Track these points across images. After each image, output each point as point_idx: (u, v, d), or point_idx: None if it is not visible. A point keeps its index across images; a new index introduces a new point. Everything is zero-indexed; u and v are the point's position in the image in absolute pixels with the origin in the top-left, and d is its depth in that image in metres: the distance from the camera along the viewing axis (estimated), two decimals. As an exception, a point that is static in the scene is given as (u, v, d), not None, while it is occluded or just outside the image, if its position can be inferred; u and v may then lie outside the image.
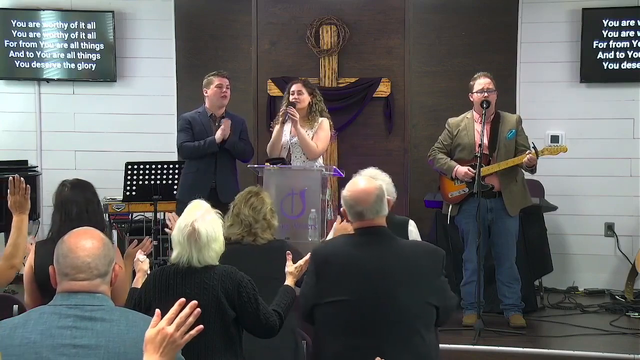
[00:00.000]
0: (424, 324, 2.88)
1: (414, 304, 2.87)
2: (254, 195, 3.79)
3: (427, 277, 2.92)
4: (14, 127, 7.01)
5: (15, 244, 3.22)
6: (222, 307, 2.93)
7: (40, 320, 2.13)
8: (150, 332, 1.98)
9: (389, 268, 2.90)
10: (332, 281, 2.94)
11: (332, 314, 2.92)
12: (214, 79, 5.54)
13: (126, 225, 6.34)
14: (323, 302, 2.93)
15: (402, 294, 2.86)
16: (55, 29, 6.90)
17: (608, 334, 5.06)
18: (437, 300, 2.92)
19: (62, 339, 2.10)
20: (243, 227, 3.69)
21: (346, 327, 2.88)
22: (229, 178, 5.51)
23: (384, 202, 3.04)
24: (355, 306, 2.87)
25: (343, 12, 6.02)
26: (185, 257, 2.99)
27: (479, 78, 5.20)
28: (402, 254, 2.96)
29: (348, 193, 3.05)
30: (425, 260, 2.96)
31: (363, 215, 3.00)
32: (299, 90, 5.33)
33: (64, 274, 2.20)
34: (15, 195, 3.24)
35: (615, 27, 6.36)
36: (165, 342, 1.96)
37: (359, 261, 2.93)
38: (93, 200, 3.67)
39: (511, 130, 5.15)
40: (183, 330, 1.99)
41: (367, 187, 3.03)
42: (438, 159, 5.26)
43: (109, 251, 2.27)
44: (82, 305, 2.15)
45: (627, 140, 6.39)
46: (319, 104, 5.38)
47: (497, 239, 5.17)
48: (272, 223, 3.77)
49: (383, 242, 2.99)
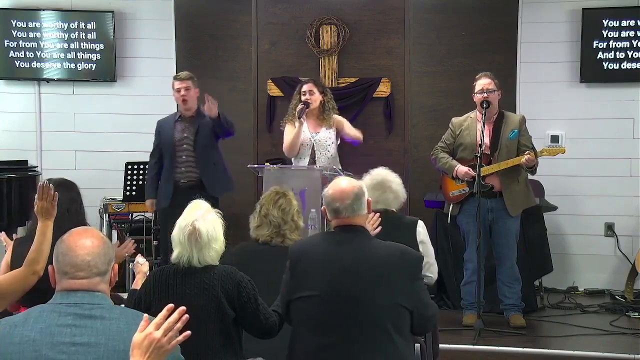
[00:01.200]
0: (393, 325, 2.84)
1: (383, 304, 2.84)
2: (282, 196, 3.79)
3: (398, 278, 2.89)
4: (14, 127, 7.01)
5: (39, 249, 3.19)
6: (221, 307, 2.93)
7: (40, 319, 2.13)
8: (137, 337, 1.97)
9: (360, 266, 2.89)
10: (303, 276, 2.94)
11: (302, 310, 2.92)
12: (174, 82, 5.51)
13: (126, 225, 6.34)
14: (294, 297, 2.94)
15: (370, 293, 2.84)
16: (55, 29, 6.90)
17: (608, 334, 5.06)
18: (409, 303, 2.87)
19: (61, 337, 2.10)
20: (272, 229, 3.69)
21: (316, 324, 2.87)
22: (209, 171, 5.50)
23: (362, 201, 3.03)
24: (324, 302, 2.86)
25: (343, 12, 6.02)
26: (185, 257, 2.99)
27: (479, 79, 5.20)
28: (374, 254, 2.94)
29: (329, 191, 3.06)
30: (398, 262, 2.93)
31: (339, 212, 3.00)
32: (310, 90, 5.40)
33: (63, 272, 2.20)
34: (42, 200, 3.24)
35: (615, 27, 6.36)
36: (152, 347, 1.95)
37: (330, 257, 2.93)
38: (76, 200, 3.68)
39: (513, 131, 5.15)
40: (170, 336, 1.97)
41: (346, 186, 3.04)
42: (440, 157, 5.26)
43: (109, 250, 2.27)
44: (81, 303, 2.15)
45: (627, 140, 6.39)
46: (330, 102, 5.48)
47: (498, 239, 5.17)
48: (299, 224, 3.78)
49: (357, 240, 2.98)
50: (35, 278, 3.19)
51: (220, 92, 6.78)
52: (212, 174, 5.41)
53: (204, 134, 5.42)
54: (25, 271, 3.19)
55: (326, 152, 5.40)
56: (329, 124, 5.42)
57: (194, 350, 2.87)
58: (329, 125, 5.42)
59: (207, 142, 5.43)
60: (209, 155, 5.44)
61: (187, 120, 5.45)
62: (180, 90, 5.39)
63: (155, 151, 5.60)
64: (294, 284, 2.97)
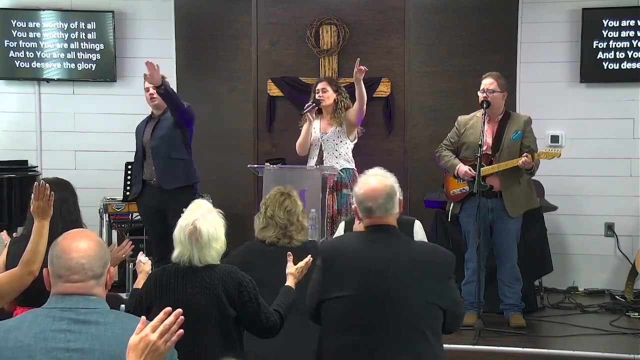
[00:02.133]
0: (428, 325, 2.86)
1: (418, 304, 2.85)
2: (287, 198, 3.79)
3: (433, 277, 2.91)
4: (14, 127, 7.01)
5: (35, 250, 3.19)
6: (222, 307, 2.93)
7: (34, 323, 2.11)
8: (133, 339, 1.97)
9: (395, 266, 2.89)
10: (338, 277, 2.93)
11: (336, 310, 2.91)
12: (144, 81, 5.31)
13: (126, 225, 6.34)
14: (328, 297, 2.92)
15: (405, 293, 2.85)
16: (55, 29, 6.89)
17: (608, 334, 5.06)
18: (443, 303, 2.89)
19: (55, 343, 2.08)
20: (278, 230, 3.70)
21: (349, 323, 2.87)
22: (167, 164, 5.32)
23: (394, 200, 3.03)
24: (359, 302, 2.86)
25: (343, 12, 6.03)
26: (186, 256, 3.00)
27: (484, 78, 5.19)
28: (409, 253, 2.95)
29: (360, 190, 3.05)
30: (433, 261, 2.95)
31: (372, 211, 2.99)
32: (323, 88, 5.43)
33: (57, 275, 2.18)
34: (39, 200, 3.23)
35: (615, 27, 6.36)
36: (148, 349, 1.95)
37: (365, 257, 2.92)
38: (69, 200, 3.65)
39: (517, 132, 5.14)
40: (166, 338, 1.97)
41: (377, 185, 3.03)
42: (443, 155, 5.28)
43: (104, 253, 2.25)
44: (76, 308, 2.14)
45: (627, 140, 6.39)
46: (344, 101, 5.48)
47: (498, 239, 5.18)
48: (304, 224, 3.79)
49: (391, 240, 2.99)
50: (31, 278, 3.18)
51: (220, 92, 6.81)
52: (165, 167, 5.24)
53: (161, 127, 5.28)
54: (21, 271, 3.18)
55: (334, 151, 5.40)
56: (339, 122, 5.44)
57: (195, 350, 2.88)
58: (339, 124, 5.43)
59: (163, 135, 5.26)
60: (163, 149, 5.26)
61: (155, 119, 5.37)
62: (149, 88, 5.32)
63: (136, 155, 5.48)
64: (327, 284, 2.95)
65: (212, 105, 6.78)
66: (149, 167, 5.30)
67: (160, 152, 5.24)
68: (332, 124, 5.43)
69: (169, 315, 1.99)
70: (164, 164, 5.23)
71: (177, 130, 5.25)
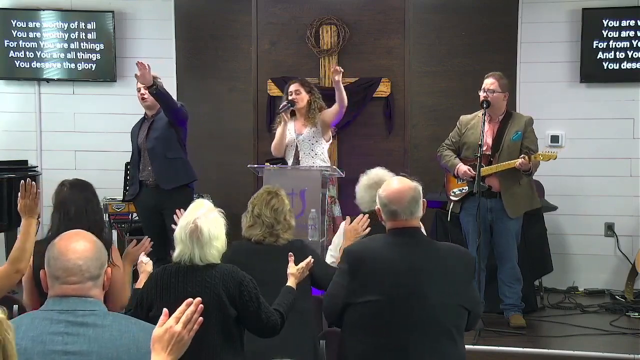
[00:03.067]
0: (455, 327, 2.88)
1: (447, 307, 2.87)
2: (274, 196, 3.78)
3: (460, 280, 2.93)
4: (14, 127, 7.01)
5: (22, 247, 3.18)
6: (223, 306, 2.93)
7: (32, 326, 2.10)
8: (158, 331, 1.99)
9: (423, 269, 2.90)
10: (366, 281, 2.92)
11: (363, 314, 2.91)
12: (137, 82, 5.30)
13: (126, 225, 6.34)
14: (355, 302, 2.92)
15: (435, 296, 2.86)
16: (55, 29, 6.89)
17: (608, 334, 5.06)
18: (468, 303, 2.92)
19: (53, 345, 2.07)
20: (265, 228, 3.69)
21: (377, 327, 2.87)
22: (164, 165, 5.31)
23: (419, 203, 3.04)
24: (387, 306, 2.86)
25: (343, 12, 6.03)
26: (187, 255, 3.00)
27: (485, 78, 5.19)
28: (435, 256, 2.96)
29: (383, 192, 3.06)
30: (458, 264, 2.96)
31: (397, 214, 3.00)
32: (296, 90, 5.37)
33: (54, 277, 2.17)
34: (25, 198, 3.23)
35: (615, 27, 6.36)
36: (174, 340, 1.98)
37: (393, 262, 2.92)
38: (92, 200, 3.67)
39: (517, 132, 5.14)
40: (189, 327, 2.01)
41: (402, 187, 3.04)
42: (444, 155, 5.28)
43: (101, 254, 2.24)
44: (73, 310, 2.13)
45: (627, 140, 6.39)
46: (317, 101, 5.42)
47: (498, 239, 5.18)
48: (292, 223, 3.78)
49: (417, 243, 3.00)
50: (19, 276, 3.19)
51: (220, 92, 6.81)
52: (162, 167, 5.23)
53: (156, 127, 5.27)
54: (9, 269, 3.18)
55: (310, 151, 5.36)
56: (313, 123, 5.38)
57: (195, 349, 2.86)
58: (314, 124, 5.37)
59: (158, 136, 5.24)
60: (159, 149, 5.25)
61: (149, 120, 5.38)
62: (140, 89, 5.31)
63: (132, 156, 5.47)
64: (355, 288, 2.94)
65: (212, 105, 6.78)
66: (145, 167, 5.30)
67: (157, 152, 5.23)
68: (306, 125, 5.39)
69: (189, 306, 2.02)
70: (161, 165, 5.23)
71: (171, 130, 5.25)
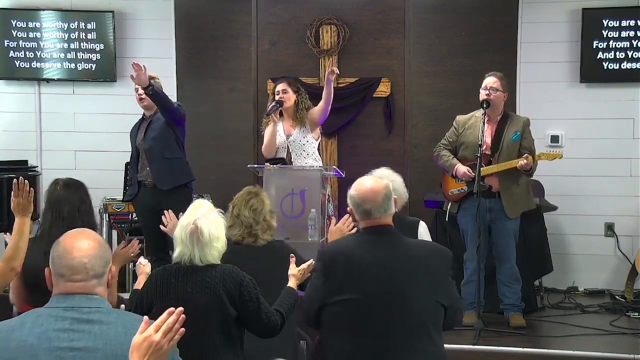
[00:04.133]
0: (433, 323, 2.87)
1: (423, 303, 2.86)
2: (253, 197, 3.79)
3: (435, 275, 2.92)
4: (14, 127, 7.01)
5: (16, 246, 3.19)
6: (223, 306, 2.93)
7: (37, 323, 2.11)
8: (136, 339, 1.97)
9: (397, 267, 2.89)
10: (340, 280, 2.92)
11: (340, 314, 2.90)
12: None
13: (126, 225, 6.34)
14: (330, 301, 2.92)
15: (410, 293, 2.85)
16: (55, 29, 6.89)
17: (608, 334, 5.05)
18: (446, 300, 2.91)
19: (58, 342, 2.08)
20: (243, 229, 3.69)
21: (354, 326, 2.87)
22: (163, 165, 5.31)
23: (391, 200, 3.04)
24: (363, 305, 2.86)
25: (343, 12, 6.03)
26: (187, 256, 3.00)
27: (487, 77, 5.18)
28: (410, 253, 2.96)
29: (355, 192, 3.05)
30: (433, 259, 2.96)
31: (370, 213, 2.99)
32: (284, 89, 5.33)
33: (59, 275, 2.18)
34: (18, 197, 3.23)
35: (615, 27, 6.36)
36: (152, 349, 1.96)
37: (367, 260, 2.92)
38: (85, 200, 3.67)
39: (516, 133, 5.14)
40: (169, 337, 1.98)
41: (374, 186, 3.03)
42: (442, 155, 5.27)
43: (105, 252, 2.25)
44: (78, 307, 2.14)
45: (627, 140, 6.39)
46: (305, 101, 5.38)
47: (497, 239, 5.17)
48: (272, 224, 3.78)
49: (391, 240, 2.99)
50: (13, 275, 3.19)
51: (220, 92, 6.81)
52: (160, 167, 5.24)
53: (153, 127, 5.27)
54: (3, 268, 3.18)
55: (302, 151, 5.32)
56: (302, 123, 5.34)
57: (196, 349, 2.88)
58: (303, 124, 5.34)
59: (156, 136, 5.24)
60: (157, 149, 5.25)
61: (147, 121, 5.36)
62: (137, 89, 5.30)
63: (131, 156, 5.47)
64: (329, 288, 2.94)
65: (212, 105, 6.78)
66: (143, 168, 5.30)
67: (155, 153, 5.24)
68: (294, 125, 5.35)
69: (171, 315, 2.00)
70: (159, 165, 5.23)
71: (169, 130, 5.25)
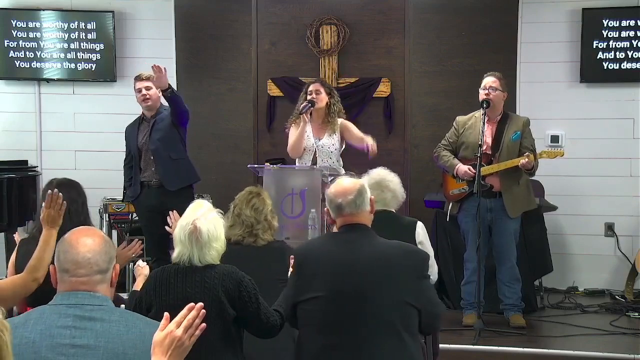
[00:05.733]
0: (402, 325, 2.83)
1: (390, 302, 2.84)
2: (255, 196, 3.79)
3: (404, 276, 2.88)
4: (14, 127, 7.01)
5: (41, 257, 3.19)
6: (222, 307, 2.93)
7: (40, 320, 2.13)
8: (158, 336, 1.99)
9: (365, 265, 2.88)
10: (310, 278, 2.93)
11: (309, 311, 2.91)
12: (135, 83, 5.33)
13: (126, 225, 6.34)
14: (302, 299, 2.92)
15: (377, 292, 2.84)
16: (55, 29, 6.89)
17: (608, 334, 5.06)
18: (416, 301, 2.87)
19: (61, 339, 2.09)
20: (244, 228, 3.69)
21: (323, 324, 2.87)
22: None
23: (364, 197, 3.02)
24: (330, 303, 2.85)
25: (343, 12, 6.03)
26: (186, 256, 3.00)
27: (486, 76, 5.19)
28: (380, 252, 2.94)
29: (331, 190, 3.06)
30: (404, 260, 2.92)
31: (342, 208, 2.98)
32: (317, 90, 5.15)
33: (64, 269, 2.20)
34: (50, 209, 3.23)
35: (615, 27, 6.36)
36: (174, 345, 1.99)
37: (336, 257, 2.92)
38: (77, 200, 3.66)
39: (516, 132, 5.14)
40: (190, 333, 2.02)
41: (348, 184, 3.04)
42: (442, 155, 5.27)
43: (110, 249, 2.28)
44: (82, 304, 2.15)
45: (627, 140, 6.39)
46: (336, 104, 5.20)
47: (498, 239, 5.18)
48: (273, 224, 3.78)
49: (363, 239, 2.97)
50: (35, 285, 3.18)
51: (220, 92, 6.81)
52: (168, 168, 5.24)
53: (159, 128, 5.27)
54: (26, 278, 3.19)
55: (328, 158, 5.18)
56: (333, 129, 5.18)
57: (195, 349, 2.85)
58: (333, 131, 5.18)
59: (163, 136, 5.24)
60: (164, 150, 5.25)
61: (148, 121, 5.35)
62: (141, 90, 5.26)
63: (128, 158, 5.47)
64: (300, 285, 2.95)
65: (212, 105, 6.78)
66: (147, 168, 5.29)
67: (161, 154, 5.23)
68: (325, 129, 5.19)
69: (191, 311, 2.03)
70: (166, 166, 5.23)
71: (174, 131, 5.25)
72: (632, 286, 5.94)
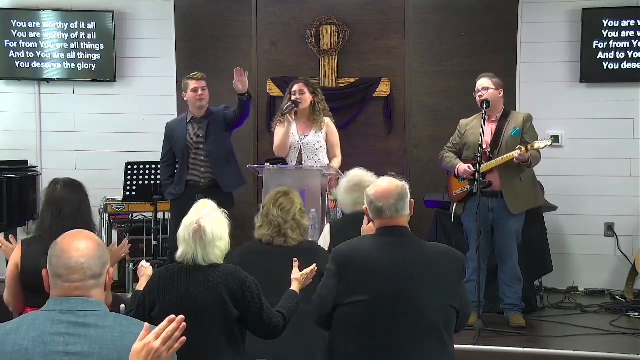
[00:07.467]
0: (445, 327, 2.87)
1: (436, 307, 2.86)
2: (282, 196, 3.80)
3: (449, 279, 2.91)
4: (14, 127, 7.01)
5: None
6: (225, 306, 2.93)
7: (33, 327, 2.09)
8: (136, 346, 1.96)
9: (411, 269, 2.88)
10: (353, 282, 2.91)
11: (351, 315, 2.90)
12: (189, 82, 5.43)
13: (126, 225, 6.34)
14: (344, 302, 2.91)
15: (423, 296, 2.85)
16: (55, 29, 6.89)
17: (608, 334, 5.06)
18: (457, 303, 2.90)
19: (54, 346, 2.06)
20: (272, 228, 3.70)
21: (366, 327, 2.86)
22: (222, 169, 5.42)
23: (405, 201, 3.03)
24: (377, 307, 2.85)
25: (343, 12, 6.03)
26: (190, 255, 3.00)
27: (477, 80, 5.21)
28: (424, 255, 2.95)
29: (371, 191, 3.05)
30: (447, 263, 2.94)
31: (382, 212, 2.98)
32: (300, 90, 5.25)
33: (57, 275, 2.15)
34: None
35: (615, 27, 6.36)
36: (151, 356, 1.94)
37: (381, 261, 2.91)
38: (85, 200, 3.69)
39: (515, 129, 5.14)
40: (169, 345, 1.96)
41: (389, 185, 3.04)
42: (445, 157, 5.29)
43: (103, 253, 2.23)
44: (75, 310, 2.11)
45: (627, 140, 6.39)
46: (321, 103, 5.32)
47: (499, 238, 5.18)
48: (302, 223, 3.78)
49: (405, 242, 2.98)
50: None
51: (220, 92, 6.78)
52: (225, 171, 5.36)
53: (215, 130, 5.37)
54: None
55: (314, 156, 5.26)
56: (319, 127, 5.27)
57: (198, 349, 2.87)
58: (319, 128, 5.27)
59: (219, 138, 5.36)
60: (221, 152, 5.38)
61: (199, 121, 5.42)
62: (197, 89, 5.37)
63: (169, 155, 5.53)
64: (343, 288, 2.93)
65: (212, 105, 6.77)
66: (196, 168, 5.33)
67: (218, 155, 5.34)
68: (310, 127, 5.28)
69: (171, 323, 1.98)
70: (223, 168, 5.35)
71: (227, 133, 5.39)
72: (632, 286, 5.94)
